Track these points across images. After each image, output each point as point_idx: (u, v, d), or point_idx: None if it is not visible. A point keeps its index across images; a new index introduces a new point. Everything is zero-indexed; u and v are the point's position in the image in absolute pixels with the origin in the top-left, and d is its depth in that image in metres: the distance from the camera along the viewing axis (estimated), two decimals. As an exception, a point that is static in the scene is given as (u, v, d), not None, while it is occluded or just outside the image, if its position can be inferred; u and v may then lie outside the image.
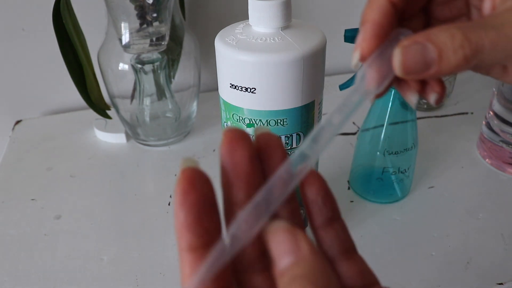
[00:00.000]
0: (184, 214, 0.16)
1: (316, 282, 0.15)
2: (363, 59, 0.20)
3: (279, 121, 0.31)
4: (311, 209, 0.19)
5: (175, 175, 0.52)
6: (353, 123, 0.60)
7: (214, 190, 0.17)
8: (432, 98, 0.20)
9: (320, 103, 0.34)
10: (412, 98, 0.21)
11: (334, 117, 0.20)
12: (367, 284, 0.19)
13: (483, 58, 0.17)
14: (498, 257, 0.40)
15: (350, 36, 0.39)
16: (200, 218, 0.16)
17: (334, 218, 0.19)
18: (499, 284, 0.38)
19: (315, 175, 0.19)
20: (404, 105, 0.42)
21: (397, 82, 0.21)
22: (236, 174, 0.17)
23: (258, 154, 0.18)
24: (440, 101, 0.21)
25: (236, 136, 0.17)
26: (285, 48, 0.29)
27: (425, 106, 0.62)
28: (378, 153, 0.45)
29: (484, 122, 0.53)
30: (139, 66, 0.51)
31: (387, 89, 0.21)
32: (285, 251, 0.16)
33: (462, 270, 0.39)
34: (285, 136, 0.32)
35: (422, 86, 0.21)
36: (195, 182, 0.16)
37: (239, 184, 0.17)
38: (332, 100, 0.62)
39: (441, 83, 0.20)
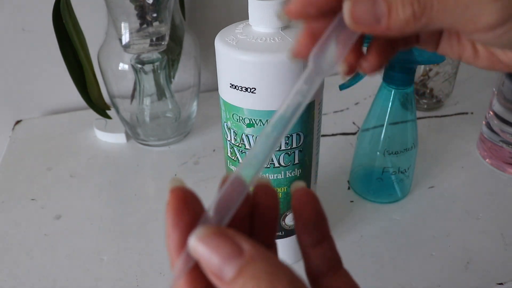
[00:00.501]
0: (178, 236, 0.16)
1: (271, 276, 0.14)
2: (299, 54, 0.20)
3: (279, 121, 0.31)
4: (303, 230, 0.19)
5: (175, 174, 0.52)
6: (353, 123, 0.60)
7: (204, 209, 0.17)
8: (363, 65, 0.20)
9: (320, 103, 0.34)
10: (340, 68, 0.20)
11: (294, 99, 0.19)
12: None
13: (432, 17, 0.17)
14: (498, 257, 0.40)
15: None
16: None
17: (325, 238, 0.20)
18: (499, 284, 0.38)
19: (310, 197, 0.19)
20: (404, 105, 0.42)
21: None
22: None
23: (252, 208, 0.19)
24: (371, 71, 0.20)
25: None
26: (285, 48, 0.29)
27: (425, 106, 0.62)
28: (378, 153, 0.45)
29: (484, 122, 0.53)
30: (139, 66, 0.51)
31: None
32: (227, 255, 0.15)
33: (462, 270, 0.39)
34: (285, 136, 0.32)
35: (358, 56, 0.20)
36: (188, 201, 0.16)
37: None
38: (332, 100, 0.63)
39: (379, 55, 0.20)
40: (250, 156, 0.17)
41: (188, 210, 0.16)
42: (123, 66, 0.52)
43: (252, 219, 0.19)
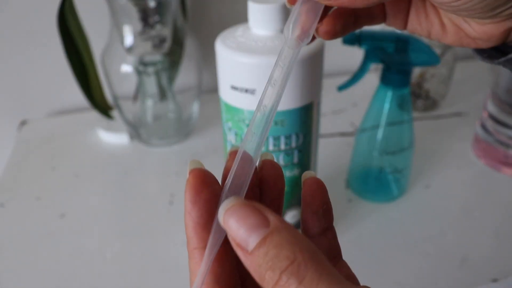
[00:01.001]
0: (197, 213, 0.16)
1: (301, 247, 0.14)
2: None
3: (278, 121, 0.32)
4: (310, 219, 0.20)
5: (186, 175, 0.52)
6: (351, 123, 0.61)
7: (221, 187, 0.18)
8: (319, 28, 0.20)
9: (319, 104, 0.35)
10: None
11: (275, 73, 0.19)
12: None
13: None
14: (493, 254, 0.41)
15: (349, 38, 0.40)
16: (213, 216, 0.16)
17: (329, 227, 0.20)
18: (494, 280, 0.38)
19: (320, 186, 0.20)
20: (401, 106, 0.43)
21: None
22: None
23: (259, 182, 0.19)
24: (324, 35, 0.20)
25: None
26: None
27: (422, 107, 0.63)
28: (375, 153, 0.45)
29: (479, 123, 0.53)
30: (142, 68, 0.52)
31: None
32: (254, 225, 0.15)
33: (458, 267, 0.40)
34: (285, 137, 0.33)
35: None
36: (206, 180, 0.17)
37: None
38: (330, 101, 0.64)
39: (334, 22, 0.20)
40: (249, 133, 0.18)
41: (207, 188, 0.16)
42: (126, 68, 0.52)
43: (260, 193, 0.19)
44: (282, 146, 0.33)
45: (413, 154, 0.46)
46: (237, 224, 0.15)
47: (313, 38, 0.20)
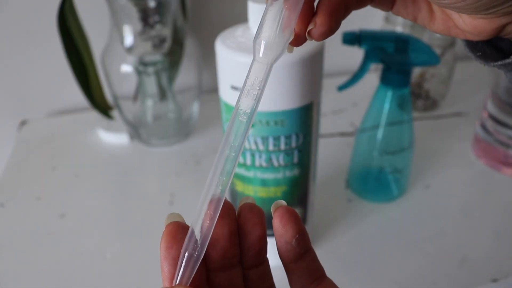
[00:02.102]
0: (167, 267, 0.18)
1: None
2: None
3: (278, 121, 0.32)
4: (284, 248, 0.19)
5: (186, 175, 0.52)
6: (351, 123, 0.61)
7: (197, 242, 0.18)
8: (311, 31, 0.18)
9: (319, 104, 0.35)
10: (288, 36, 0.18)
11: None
12: None
13: None
14: (493, 255, 0.41)
15: (348, 38, 0.41)
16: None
17: (305, 252, 0.20)
18: (494, 280, 0.38)
19: (292, 215, 0.19)
20: (401, 106, 0.43)
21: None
22: (215, 248, 0.19)
23: (238, 228, 0.19)
24: (319, 36, 0.18)
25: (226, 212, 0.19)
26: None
27: (422, 107, 0.63)
28: (375, 153, 0.45)
29: (479, 123, 0.53)
30: (142, 68, 0.52)
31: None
32: None
33: (457, 267, 0.40)
34: (285, 137, 0.33)
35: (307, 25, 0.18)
36: (177, 236, 0.18)
37: (216, 257, 0.19)
38: (330, 101, 0.64)
39: (329, 16, 0.18)
40: (215, 175, 0.18)
41: (176, 244, 0.18)
42: (126, 68, 0.52)
43: (240, 240, 0.19)
44: (282, 146, 0.33)
45: (413, 154, 0.46)
46: None
47: (300, 39, 0.18)
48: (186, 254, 0.18)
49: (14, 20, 0.59)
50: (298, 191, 0.36)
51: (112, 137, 0.58)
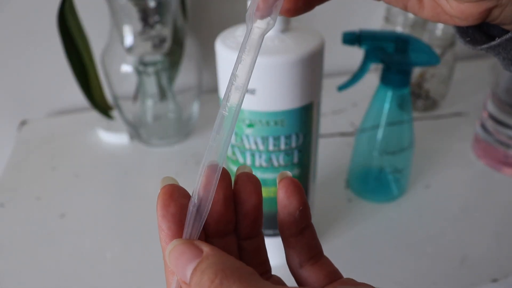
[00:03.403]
0: (167, 225, 0.17)
1: (223, 267, 0.15)
2: None
3: (278, 121, 0.32)
4: (287, 220, 0.19)
5: (186, 175, 0.53)
6: (351, 123, 0.61)
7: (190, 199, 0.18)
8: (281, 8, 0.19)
9: (319, 104, 0.35)
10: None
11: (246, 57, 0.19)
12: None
13: None
14: (493, 255, 0.41)
15: (348, 38, 0.41)
16: (182, 227, 0.17)
17: (307, 226, 0.20)
18: (494, 280, 0.38)
19: (296, 186, 0.19)
20: (401, 106, 0.43)
21: None
22: (210, 213, 0.18)
23: (234, 196, 0.19)
24: (290, 14, 0.19)
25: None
26: (284, 51, 0.30)
27: (422, 107, 0.63)
28: (375, 153, 0.45)
29: (479, 123, 0.53)
30: (142, 68, 0.52)
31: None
32: (189, 258, 0.16)
33: (457, 267, 0.40)
34: (285, 137, 0.33)
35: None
36: (174, 195, 0.18)
37: (211, 222, 0.19)
38: (330, 101, 0.64)
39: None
40: (213, 139, 0.18)
41: (174, 202, 0.18)
42: (126, 68, 0.53)
43: (236, 206, 0.19)
44: (282, 146, 0.33)
45: (413, 154, 0.46)
46: (176, 262, 0.16)
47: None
48: (192, 207, 0.17)
49: (14, 20, 0.59)
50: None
51: (112, 137, 0.58)
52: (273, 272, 0.21)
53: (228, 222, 0.19)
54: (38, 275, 0.40)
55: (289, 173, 0.20)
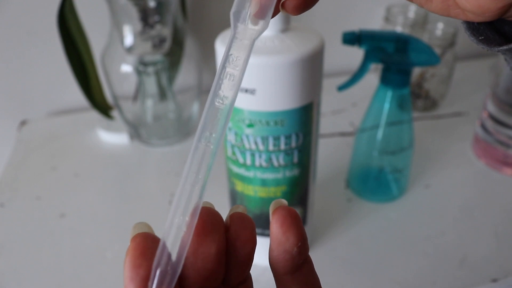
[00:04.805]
0: None
1: None
2: None
3: (278, 121, 0.32)
4: (282, 258, 0.16)
5: (176, 173, 0.53)
6: (351, 123, 0.61)
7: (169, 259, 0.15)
8: (288, 5, 0.17)
9: (319, 104, 0.35)
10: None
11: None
12: None
13: None
14: (492, 255, 0.41)
15: (348, 38, 0.41)
16: None
17: (304, 262, 0.17)
18: (494, 280, 0.38)
19: (294, 218, 0.16)
20: (401, 106, 0.43)
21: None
22: (196, 269, 0.15)
23: (227, 241, 0.16)
24: (299, 11, 0.17)
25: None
26: (284, 51, 0.30)
27: (422, 107, 0.63)
28: (375, 153, 0.45)
29: (478, 123, 0.54)
30: (142, 68, 0.52)
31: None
32: None
33: (457, 267, 0.40)
34: (284, 136, 0.33)
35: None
36: (147, 253, 0.15)
37: (197, 279, 0.16)
38: (330, 101, 0.64)
39: None
40: (190, 173, 0.16)
41: (146, 261, 0.15)
42: (126, 68, 0.53)
43: (227, 257, 0.16)
44: (282, 146, 0.33)
45: (413, 154, 0.46)
46: None
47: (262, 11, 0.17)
48: (158, 271, 0.14)
49: (14, 20, 0.59)
50: (298, 191, 0.36)
51: (112, 137, 0.58)
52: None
53: (218, 277, 0.16)
54: (38, 275, 0.40)
55: (284, 202, 0.17)
